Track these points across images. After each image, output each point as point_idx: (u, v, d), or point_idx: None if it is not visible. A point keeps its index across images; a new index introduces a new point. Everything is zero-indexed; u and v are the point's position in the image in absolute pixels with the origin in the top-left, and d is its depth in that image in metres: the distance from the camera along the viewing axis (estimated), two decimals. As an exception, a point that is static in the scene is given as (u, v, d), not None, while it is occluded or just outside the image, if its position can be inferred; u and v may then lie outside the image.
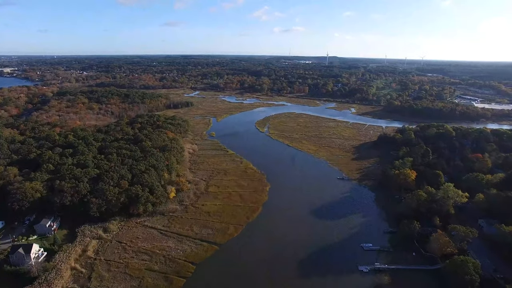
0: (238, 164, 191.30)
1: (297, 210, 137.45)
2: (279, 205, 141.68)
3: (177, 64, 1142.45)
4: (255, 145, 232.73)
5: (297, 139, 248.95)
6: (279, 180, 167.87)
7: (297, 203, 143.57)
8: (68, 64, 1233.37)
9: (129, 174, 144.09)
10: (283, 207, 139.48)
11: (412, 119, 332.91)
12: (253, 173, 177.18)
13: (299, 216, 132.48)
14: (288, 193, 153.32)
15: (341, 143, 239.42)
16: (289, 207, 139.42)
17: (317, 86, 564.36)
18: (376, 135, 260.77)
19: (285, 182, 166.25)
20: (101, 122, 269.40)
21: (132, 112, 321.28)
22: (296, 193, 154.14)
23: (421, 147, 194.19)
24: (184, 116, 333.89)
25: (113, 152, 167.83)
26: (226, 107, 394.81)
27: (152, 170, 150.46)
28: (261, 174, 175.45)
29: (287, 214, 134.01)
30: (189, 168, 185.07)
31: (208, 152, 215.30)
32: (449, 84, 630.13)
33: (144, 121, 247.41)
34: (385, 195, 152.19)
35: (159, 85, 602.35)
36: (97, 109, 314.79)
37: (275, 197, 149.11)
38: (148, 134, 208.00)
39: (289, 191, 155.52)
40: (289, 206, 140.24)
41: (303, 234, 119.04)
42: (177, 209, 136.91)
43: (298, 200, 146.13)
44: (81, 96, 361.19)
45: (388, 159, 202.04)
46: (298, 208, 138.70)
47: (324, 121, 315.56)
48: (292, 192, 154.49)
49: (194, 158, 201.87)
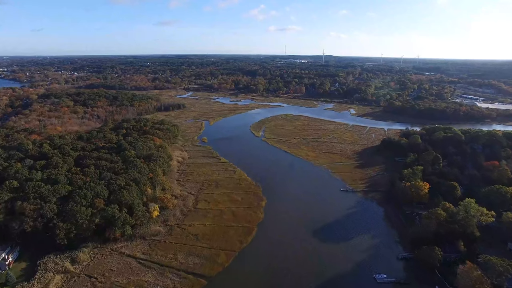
0: (231, 174, 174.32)
1: (297, 231, 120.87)
2: (276, 225, 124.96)
3: (171, 64, 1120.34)
4: (250, 152, 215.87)
5: (295, 144, 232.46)
6: (276, 193, 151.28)
7: (297, 222, 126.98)
8: (60, 64, 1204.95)
9: (106, 191, 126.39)
10: (281, 228, 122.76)
11: (414, 121, 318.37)
12: (248, 185, 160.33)
13: (300, 238, 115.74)
14: (287, 210, 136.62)
15: (342, 148, 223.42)
16: (288, 228, 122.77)
17: (314, 86, 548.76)
18: (378, 139, 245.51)
19: (283, 196, 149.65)
20: (85, 127, 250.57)
21: (120, 116, 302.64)
22: (296, 209, 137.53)
23: (430, 154, 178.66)
24: (175, 119, 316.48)
25: (91, 164, 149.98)
26: (219, 109, 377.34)
27: (133, 185, 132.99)
28: (257, 186, 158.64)
29: (286, 236, 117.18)
30: (177, 179, 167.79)
31: (199, 160, 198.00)
32: (448, 83, 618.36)
33: (130, 126, 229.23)
34: (395, 210, 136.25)
35: (151, 86, 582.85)
36: (82, 113, 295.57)
37: (272, 214, 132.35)
38: (133, 141, 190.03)
39: (287, 207, 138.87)
40: (288, 227, 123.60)
41: (305, 262, 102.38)
42: (161, 231, 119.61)
43: (298, 218, 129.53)
44: (66, 99, 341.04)
45: (394, 167, 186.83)
46: (298, 229, 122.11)
47: (323, 124, 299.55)
48: (290, 208, 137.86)
49: (183, 168, 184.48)
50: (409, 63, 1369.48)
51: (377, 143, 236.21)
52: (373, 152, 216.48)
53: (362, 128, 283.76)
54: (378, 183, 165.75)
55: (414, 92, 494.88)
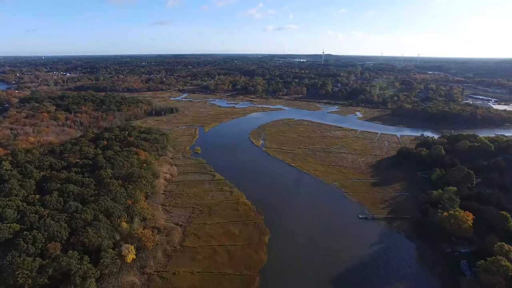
0: (227, 196, 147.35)
1: (310, 280, 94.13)
2: (283, 272, 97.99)
3: (166, 64, 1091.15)
4: (249, 166, 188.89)
5: (300, 155, 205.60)
6: (281, 223, 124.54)
7: (309, 266, 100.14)
8: (54, 65, 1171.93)
9: (66, 230, 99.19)
10: (290, 277, 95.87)
11: (427, 125, 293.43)
12: (247, 212, 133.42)
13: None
14: (295, 248, 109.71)
15: (353, 160, 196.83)
16: (298, 277, 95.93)
17: (315, 86, 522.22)
18: (393, 148, 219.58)
19: (290, 227, 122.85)
20: (63, 137, 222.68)
21: (105, 122, 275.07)
22: (306, 246, 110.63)
23: (460, 170, 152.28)
24: (167, 124, 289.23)
25: (54, 189, 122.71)
26: (216, 112, 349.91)
27: (102, 220, 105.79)
28: (258, 213, 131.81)
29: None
30: (163, 203, 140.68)
31: (190, 176, 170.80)
32: (454, 83, 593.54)
33: (113, 136, 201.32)
34: (430, 248, 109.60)
35: (144, 87, 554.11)
36: (63, 119, 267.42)
37: (277, 255, 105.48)
38: (113, 156, 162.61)
39: (296, 244, 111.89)
40: (298, 275, 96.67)
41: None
42: (135, 283, 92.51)
43: (310, 261, 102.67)
44: (48, 103, 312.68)
45: (418, 184, 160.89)
46: (311, 278, 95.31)
47: (329, 130, 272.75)
48: (300, 245, 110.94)
49: (171, 188, 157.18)
50: (410, 61, 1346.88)
51: (392, 153, 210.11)
52: (390, 164, 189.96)
53: (372, 135, 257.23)
54: (402, 206, 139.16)
55: (421, 93, 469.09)
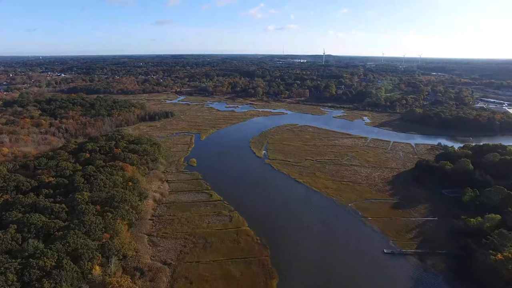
0: (226, 223, 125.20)
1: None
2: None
3: (164, 65, 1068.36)
4: (250, 182, 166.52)
5: (308, 169, 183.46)
6: (291, 262, 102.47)
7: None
8: (50, 65, 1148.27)
9: (14, 286, 76.85)
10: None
11: (441, 132, 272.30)
12: (250, 245, 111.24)
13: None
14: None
15: (368, 175, 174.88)
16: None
17: (318, 88, 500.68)
18: (409, 160, 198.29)
19: (301, 267, 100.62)
20: (43, 147, 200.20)
21: (93, 129, 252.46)
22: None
23: (498, 191, 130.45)
24: (161, 131, 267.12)
25: (13, 221, 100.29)
26: (214, 117, 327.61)
27: (67, 265, 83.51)
28: (262, 247, 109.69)
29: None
30: (149, 233, 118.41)
31: (184, 196, 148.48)
32: (461, 85, 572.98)
33: (97, 147, 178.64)
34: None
35: (140, 89, 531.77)
36: (46, 126, 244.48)
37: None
38: (93, 174, 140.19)
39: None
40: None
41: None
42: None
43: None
44: (32, 107, 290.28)
45: (445, 206, 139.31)
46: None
47: (337, 137, 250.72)
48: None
49: (161, 211, 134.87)
50: (412, 62, 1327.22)
51: (409, 165, 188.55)
52: (408, 180, 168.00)
53: (384, 144, 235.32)
54: (433, 237, 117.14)
55: (430, 96, 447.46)
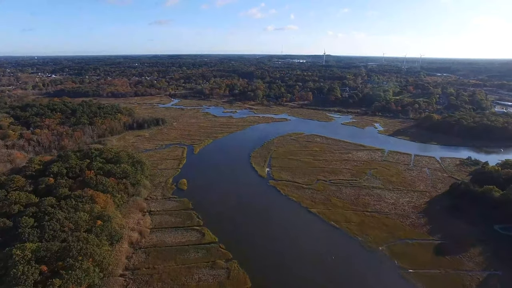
0: (221, 281, 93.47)
1: None
2: None
3: (160, 65, 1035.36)
4: (252, 213, 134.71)
5: (321, 193, 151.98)
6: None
7: None
8: (43, 65, 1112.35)
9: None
10: None
11: (464, 142, 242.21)
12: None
13: None
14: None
15: (395, 202, 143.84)
16: None
17: (321, 91, 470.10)
18: (438, 178, 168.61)
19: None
20: (3, 166, 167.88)
21: (71, 141, 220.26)
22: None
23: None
24: (149, 142, 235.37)
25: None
26: (210, 124, 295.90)
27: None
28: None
29: None
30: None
31: (168, 236, 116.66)
32: (471, 87, 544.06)
33: (65, 169, 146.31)
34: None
35: (131, 92, 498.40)
36: (14, 138, 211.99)
37: None
38: (49, 211, 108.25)
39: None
40: None
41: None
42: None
43: None
44: (4, 115, 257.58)
45: (505, 250, 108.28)
46: None
47: (350, 149, 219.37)
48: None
49: (138, 259, 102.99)
50: (413, 62, 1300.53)
51: (440, 187, 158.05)
52: (445, 209, 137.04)
53: (405, 158, 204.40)
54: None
55: (442, 99, 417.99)
